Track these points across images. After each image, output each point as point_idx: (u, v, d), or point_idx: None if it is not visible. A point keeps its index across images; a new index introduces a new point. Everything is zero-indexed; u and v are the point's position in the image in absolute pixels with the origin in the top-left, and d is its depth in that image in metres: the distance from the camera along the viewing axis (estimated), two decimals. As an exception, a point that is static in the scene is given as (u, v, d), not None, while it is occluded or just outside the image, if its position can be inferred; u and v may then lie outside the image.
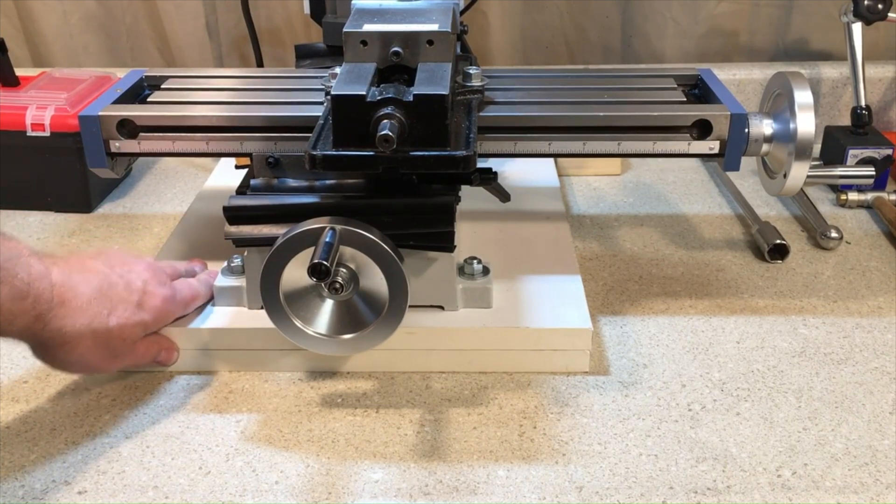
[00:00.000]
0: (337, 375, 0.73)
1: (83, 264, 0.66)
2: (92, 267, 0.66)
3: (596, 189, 1.07)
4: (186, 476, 0.63)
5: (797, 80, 0.75)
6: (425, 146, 0.62)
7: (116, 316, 0.66)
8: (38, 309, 0.60)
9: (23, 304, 0.59)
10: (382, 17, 0.71)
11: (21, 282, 0.59)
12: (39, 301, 0.60)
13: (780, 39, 1.23)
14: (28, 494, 0.62)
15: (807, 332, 0.79)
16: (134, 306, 0.67)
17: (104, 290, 0.65)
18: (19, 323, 0.60)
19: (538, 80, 0.83)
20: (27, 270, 0.59)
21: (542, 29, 1.23)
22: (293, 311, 0.67)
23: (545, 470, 0.63)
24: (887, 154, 1.04)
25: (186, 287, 0.73)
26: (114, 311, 0.65)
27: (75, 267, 0.65)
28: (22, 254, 0.60)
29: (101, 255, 0.69)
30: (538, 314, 0.73)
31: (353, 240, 0.64)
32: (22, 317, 0.59)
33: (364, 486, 0.62)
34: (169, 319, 0.72)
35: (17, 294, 0.58)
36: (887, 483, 0.62)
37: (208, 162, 1.12)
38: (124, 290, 0.67)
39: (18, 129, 0.98)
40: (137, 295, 0.68)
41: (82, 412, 0.70)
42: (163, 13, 1.21)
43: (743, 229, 0.97)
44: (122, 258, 0.70)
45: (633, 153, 0.75)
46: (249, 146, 0.75)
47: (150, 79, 0.84)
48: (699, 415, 0.69)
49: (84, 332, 0.63)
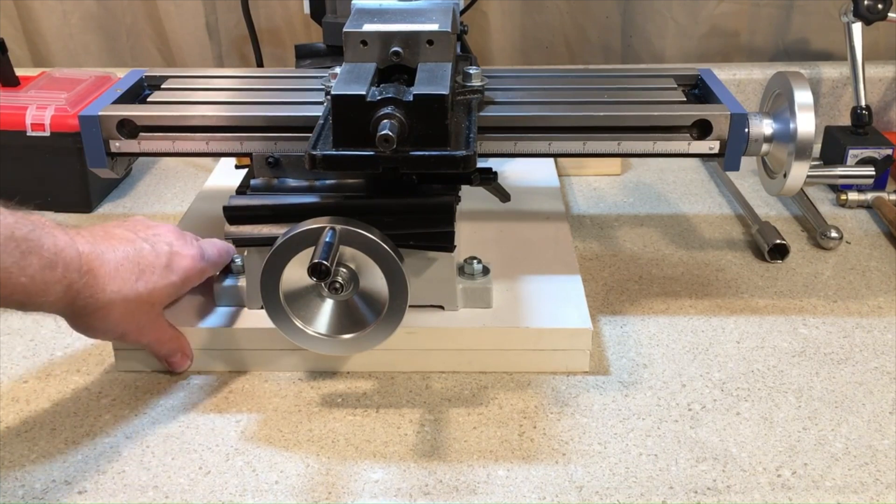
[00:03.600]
0: (337, 375, 0.73)
1: (107, 233, 0.67)
2: (117, 234, 0.67)
3: (596, 189, 1.07)
4: (186, 476, 0.63)
5: (797, 80, 0.75)
6: (425, 146, 0.62)
7: (145, 280, 0.66)
8: (68, 278, 0.60)
9: (53, 273, 0.59)
10: (382, 17, 0.71)
11: (49, 252, 0.59)
12: (69, 270, 0.60)
13: (780, 39, 1.23)
14: (28, 494, 0.62)
15: (807, 332, 0.79)
16: (162, 268, 0.67)
17: (131, 257, 0.66)
18: (52, 293, 0.60)
19: (538, 80, 0.83)
20: (53, 241, 0.60)
21: (542, 29, 1.23)
22: (293, 311, 0.67)
23: (545, 470, 0.63)
24: (887, 154, 1.04)
25: (211, 246, 0.73)
26: (142, 276, 0.66)
27: (100, 236, 0.65)
28: (46, 226, 0.60)
29: (124, 223, 0.70)
30: (538, 314, 0.73)
31: (353, 240, 0.64)
32: (54, 286, 0.60)
33: (364, 486, 0.62)
34: (200, 278, 0.72)
35: (46, 264, 0.59)
36: (887, 483, 0.62)
37: (208, 162, 1.12)
38: (151, 255, 0.67)
39: (18, 129, 0.97)
40: (165, 258, 0.68)
41: (82, 412, 0.70)
42: (163, 13, 1.21)
43: (743, 229, 0.97)
44: (146, 223, 0.70)
45: (633, 153, 0.75)
46: (249, 146, 0.75)
47: (150, 79, 0.84)
48: (699, 415, 0.69)
49: (115, 298, 0.64)
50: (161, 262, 0.68)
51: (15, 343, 0.78)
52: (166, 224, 0.72)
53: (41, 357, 0.76)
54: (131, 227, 0.69)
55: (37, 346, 0.77)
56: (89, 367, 0.75)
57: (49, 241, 0.59)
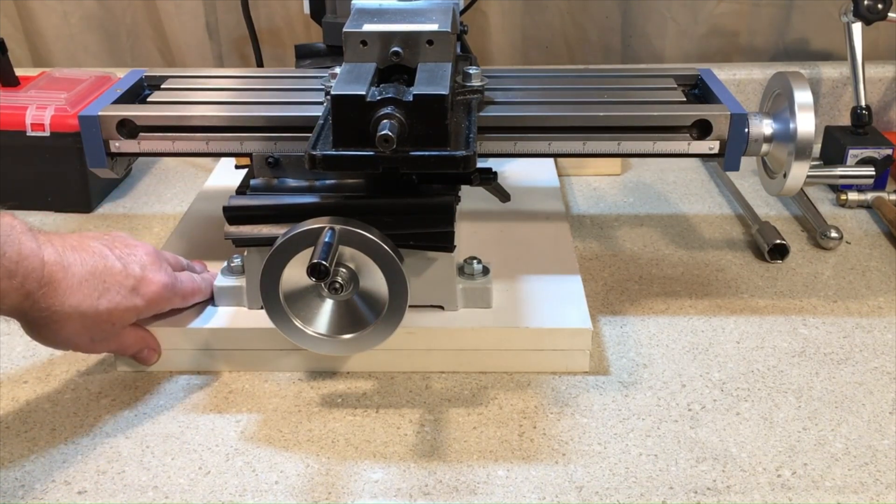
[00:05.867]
0: (337, 375, 0.73)
1: (82, 243, 0.65)
2: (90, 247, 0.65)
3: (596, 189, 1.07)
4: (186, 476, 0.63)
5: (797, 80, 0.75)
6: (425, 146, 0.62)
7: (108, 299, 0.65)
8: (26, 287, 0.59)
9: (10, 282, 0.58)
10: (382, 17, 0.71)
11: (9, 261, 0.58)
12: (28, 280, 0.59)
13: (780, 39, 1.23)
14: (28, 494, 0.62)
15: (807, 332, 0.79)
16: (128, 290, 0.66)
17: (98, 272, 0.64)
18: (7, 301, 0.59)
19: (538, 80, 0.83)
20: (17, 249, 0.59)
21: (542, 29, 1.23)
22: (293, 311, 0.67)
23: (545, 470, 0.63)
24: (887, 154, 1.04)
25: (188, 279, 0.73)
26: (105, 294, 0.64)
27: (72, 246, 0.64)
28: (14, 230, 0.59)
29: (104, 236, 0.69)
30: (538, 314, 0.73)
31: (353, 240, 0.64)
32: (10, 295, 0.59)
33: (364, 486, 0.62)
34: (164, 307, 0.71)
35: (5, 273, 0.58)
36: (887, 483, 0.62)
37: (208, 162, 1.12)
38: (120, 274, 0.66)
39: (18, 129, 0.97)
40: (133, 280, 0.67)
41: (82, 412, 0.70)
42: (163, 13, 1.21)
43: (743, 229, 0.97)
44: (126, 241, 0.69)
45: (633, 153, 0.75)
46: (249, 146, 0.75)
47: (150, 79, 0.84)
48: (699, 415, 0.69)
49: (72, 312, 0.63)
50: (128, 284, 0.66)
51: (15, 343, 0.78)
52: (147, 245, 0.70)
53: (41, 357, 0.76)
54: (109, 241, 0.68)
55: (37, 346, 0.77)
56: (89, 367, 0.75)
57: (12, 250, 0.58)
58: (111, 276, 0.65)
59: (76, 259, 0.63)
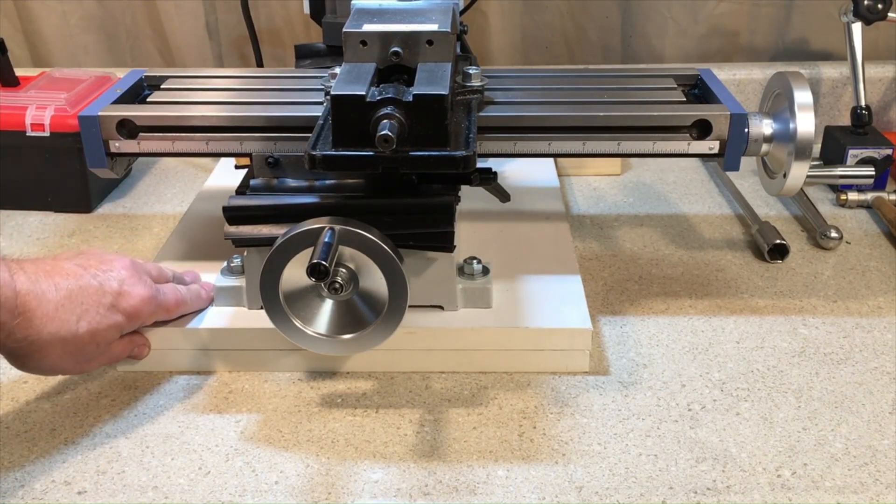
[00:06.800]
0: (337, 375, 0.73)
1: (55, 267, 0.63)
2: (64, 269, 0.64)
3: (596, 189, 1.07)
4: (186, 476, 0.63)
5: (797, 80, 0.75)
6: (425, 146, 0.62)
7: (87, 321, 0.63)
8: (0, 318, 0.58)
9: None
10: (382, 17, 0.71)
11: None
12: (1, 311, 0.58)
13: (780, 39, 1.23)
14: (28, 494, 0.62)
15: (807, 332, 0.79)
16: (106, 308, 0.65)
17: (74, 294, 0.63)
18: None
19: (538, 80, 0.83)
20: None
21: (542, 29, 1.23)
22: (293, 311, 0.67)
23: (545, 470, 0.63)
24: (887, 154, 1.04)
25: (172, 291, 0.71)
26: (84, 316, 0.63)
27: (45, 271, 0.62)
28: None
29: (79, 255, 0.67)
30: (538, 314, 0.73)
31: (353, 240, 0.64)
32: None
33: (364, 486, 0.62)
34: (147, 321, 0.70)
35: None
36: (887, 483, 0.62)
37: (208, 162, 1.12)
38: (97, 293, 0.64)
39: (18, 129, 0.97)
40: (111, 297, 0.65)
41: (82, 412, 0.70)
42: (163, 13, 1.21)
43: (743, 229, 0.97)
44: (101, 258, 0.67)
45: (633, 153, 0.75)
46: (249, 146, 0.75)
47: (149, 79, 0.84)
48: (699, 415, 0.69)
49: (52, 339, 0.61)
50: (106, 301, 0.65)
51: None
52: (124, 259, 0.69)
53: (41, 357, 0.76)
54: (83, 261, 0.66)
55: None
56: (89, 368, 0.75)
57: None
58: (88, 297, 0.64)
59: (50, 285, 0.62)
